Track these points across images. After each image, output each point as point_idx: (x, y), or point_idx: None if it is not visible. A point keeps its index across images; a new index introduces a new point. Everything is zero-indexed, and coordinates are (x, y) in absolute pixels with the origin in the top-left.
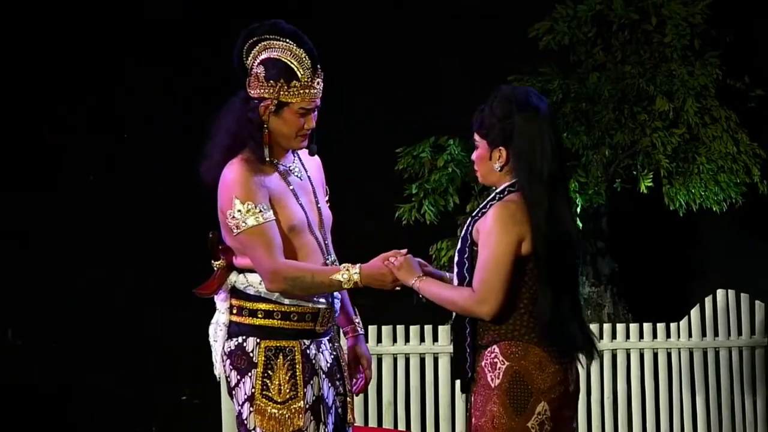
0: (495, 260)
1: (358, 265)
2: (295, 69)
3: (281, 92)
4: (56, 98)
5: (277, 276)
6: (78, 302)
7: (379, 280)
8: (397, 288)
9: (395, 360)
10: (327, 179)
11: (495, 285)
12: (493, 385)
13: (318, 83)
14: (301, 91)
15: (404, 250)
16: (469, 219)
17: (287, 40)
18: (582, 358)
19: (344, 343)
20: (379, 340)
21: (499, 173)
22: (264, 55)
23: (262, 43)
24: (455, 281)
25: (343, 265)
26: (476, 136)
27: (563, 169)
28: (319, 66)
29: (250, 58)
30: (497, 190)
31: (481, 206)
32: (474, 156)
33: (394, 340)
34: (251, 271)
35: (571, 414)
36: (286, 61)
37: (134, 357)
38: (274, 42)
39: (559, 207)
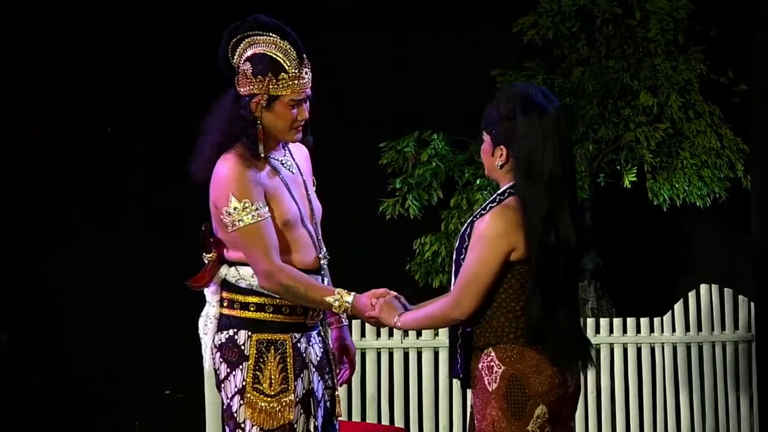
0: (477, 268)
1: (352, 294)
2: (282, 61)
3: (270, 86)
4: (39, 91)
5: (272, 279)
6: (62, 297)
7: (363, 315)
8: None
9: (379, 355)
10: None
11: (471, 291)
12: (490, 389)
13: (306, 73)
14: (290, 83)
15: (393, 293)
16: (471, 217)
17: (270, 34)
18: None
19: (329, 334)
20: (362, 334)
21: (500, 171)
22: (249, 52)
23: (246, 40)
24: (453, 279)
25: (338, 290)
26: (483, 131)
27: (569, 174)
28: (305, 55)
29: (236, 57)
30: (499, 191)
31: (482, 207)
32: (481, 149)
33: (378, 335)
34: (243, 264)
35: (570, 414)
36: (271, 54)
37: (118, 351)
38: (258, 37)
39: (558, 213)
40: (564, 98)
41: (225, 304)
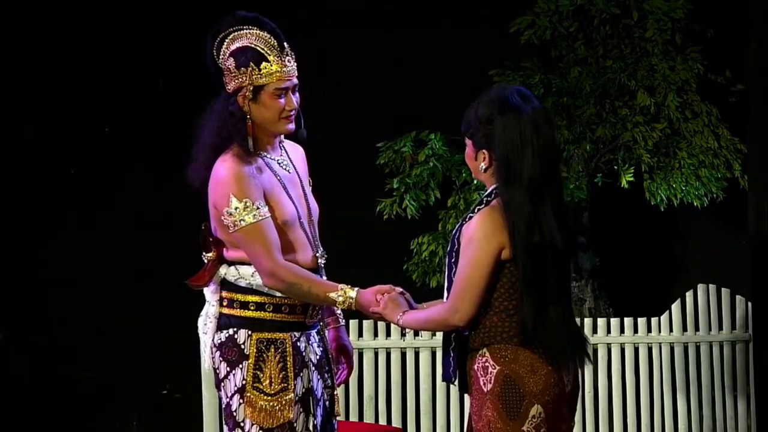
0: (470, 272)
1: (356, 289)
2: (262, 51)
3: (253, 76)
4: (35, 91)
5: (275, 277)
6: (61, 296)
7: (366, 310)
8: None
9: (376, 354)
10: (308, 173)
11: (467, 295)
12: (485, 390)
13: (288, 61)
14: (273, 70)
15: (399, 289)
16: (461, 220)
17: (249, 27)
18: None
19: (326, 334)
20: (360, 334)
21: (485, 174)
22: (232, 48)
23: (228, 38)
24: (446, 283)
25: (341, 285)
26: (464, 136)
27: (552, 173)
28: (286, 44)
29: (221, 57)
30: (485, 193)
31: (470, 209)
32: (465, 154)
33: (375, 335)
34: (242, 263)
35: (570, 413)
36: (252, 46)
37: (116, 350)
38: (238, 32)
39: (542, 213)
40: (561, 98)
41: (225, 304)
